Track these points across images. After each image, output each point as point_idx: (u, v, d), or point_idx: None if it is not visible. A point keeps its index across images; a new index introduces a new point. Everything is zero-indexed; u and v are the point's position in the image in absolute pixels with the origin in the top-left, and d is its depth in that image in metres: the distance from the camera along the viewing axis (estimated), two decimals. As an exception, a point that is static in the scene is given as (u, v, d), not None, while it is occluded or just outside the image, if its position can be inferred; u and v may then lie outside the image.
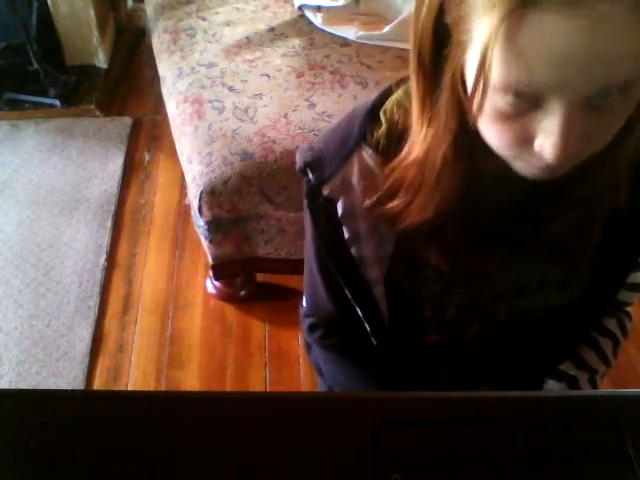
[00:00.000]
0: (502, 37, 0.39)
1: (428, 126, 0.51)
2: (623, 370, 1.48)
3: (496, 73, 0.41)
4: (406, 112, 0.56)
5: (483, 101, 0.43)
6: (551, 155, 0.43)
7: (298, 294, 1.73)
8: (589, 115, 0.42)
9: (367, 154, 0.59)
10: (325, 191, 0.62)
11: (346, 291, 0.69)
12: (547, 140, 0.43)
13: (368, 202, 0.60)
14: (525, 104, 0.43)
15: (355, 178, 0.60)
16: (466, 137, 0.49)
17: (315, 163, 0.63)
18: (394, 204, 0.57)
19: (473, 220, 0.57)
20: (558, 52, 0.38)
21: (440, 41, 0.46)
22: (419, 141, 0.53)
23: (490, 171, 0.53)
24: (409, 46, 0.50)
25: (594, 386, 0.74)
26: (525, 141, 0.45)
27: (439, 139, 0.51)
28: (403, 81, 0.59)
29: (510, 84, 0.41)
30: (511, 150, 0.47)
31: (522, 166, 0.48)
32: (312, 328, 0.79)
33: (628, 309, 0.78)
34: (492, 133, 0.47)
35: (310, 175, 0.63)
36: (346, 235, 0.65)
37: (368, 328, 0.73)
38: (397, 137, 0.57)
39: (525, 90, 0.41)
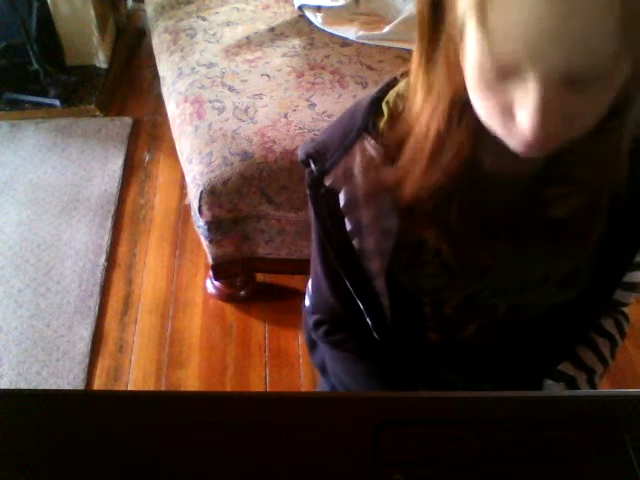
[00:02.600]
0: (477, 9, 0.40)
1: (426, 94, 0.51)
2: (623, 370, 1.48)
3: (474, 44, 0.42)
4: (409, 103, 0.57)
5: (466, 63, 0.44)
6: (528, 129, 0.43)
7: (298, 294, 1.72)
8: (568, 93, 0.42)
9: (369, 144, 0.59)
10: (327, 182, 0.63)
11: (348, 285, 0.70)
12: (524, 112, 0.43)
13: (365, 163, 0.60)
14: (505, 73, 0.43)
15: (357, 168, 0.60)
16: (461, 110, 0.50)
17: (317, 154, 0.63)
18: (392, 173, 0.57)
19: (475, 211, 0.58)
20: (531, 26, 0.39)
21: (439, 6, 0.46)
22: (416, 110, 0.53)
23: (491, 163, 0.53)
24: (410, 45, 0.50)
25: (593, 387, 0.74)
26: (508, 112, 0.45)
27: (435, 107, 0.51)
28: (407, 73, 0.58)
29: (487, 55, 0.42)
30: (496, 122, 0.47)
31: (510, 141, 0.48)
32: (317, 325, 0.79)
33: (625, 310, 0.78)
34: (478, 100, 0.47)
35: (312, 166, 0.63)
36: (348, 227, 0.65)
37: (370, 323, 0.73)
38: (400, 127, 0.57)
39: (502, 59, 0.42)
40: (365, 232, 0.64)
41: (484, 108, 0.47)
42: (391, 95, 0.59)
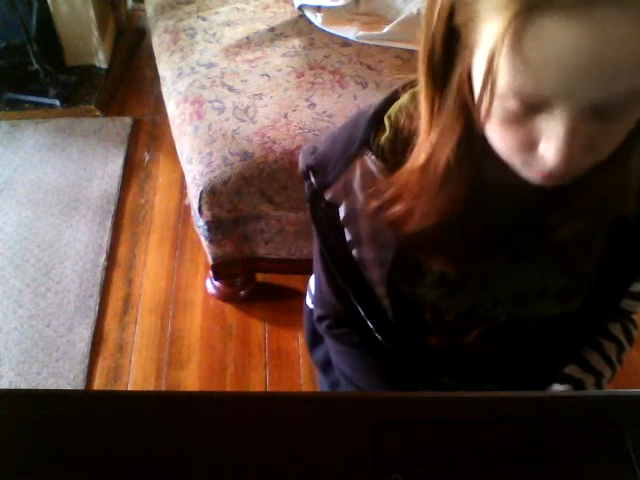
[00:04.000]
0: (509, 42, 0.39)
1: (433, 129, 0.51)
2: (624, 370, 1.47)
3: (503, 78, 0.41)
4: (410, 118, 0.56)
5: (490, 105, 0.43)
6: (554, 161, 0.43)
7: (298, 294, 1.72)
8: (594, 123, 0.41)
9: (370, 159, 0.59)
10: (327, 195, 0.63)
11: (349, 292, 0.70)
12: (551, 144, 0.42)
13: (371, 206, 0.59)
14: (531, 107, 0.42)
15: (357, 183, 0.60)
16: (470, 141, 0.49)
17: (318, 167, 0.63)
18: (397, 209, 0.57)
19: (477, 225, 0.57)
20: (565, 58, 0.38)
21: (450, 44, 0.45)
22: (424, 145, 0.52)
23: (495, 177, 0.53)
24: (417, 48, 0.49)
25: None
26: (530, 145, 0.44)
27: (443, 142, 0.50)
28: (410, 85, 0.58)
29: (516, 90, 0.41)
30: (516, 154, 0.47)
31: (527, 172, 0.47)
32: (320, 319, 0.80)
33: (633, 317, 0.78)
34: (497, 136, 0.47)
35: (312, 179, 0.63)
36: (348, 237, 0.65)
37: (372, 326, 0.73)
38: (401, 143, 0.57)
39: (531, 95, 0.41)
40: (365, 243, 0.64)
41: (502, 142, 0.47)
42: (393, 109, 0.59)
